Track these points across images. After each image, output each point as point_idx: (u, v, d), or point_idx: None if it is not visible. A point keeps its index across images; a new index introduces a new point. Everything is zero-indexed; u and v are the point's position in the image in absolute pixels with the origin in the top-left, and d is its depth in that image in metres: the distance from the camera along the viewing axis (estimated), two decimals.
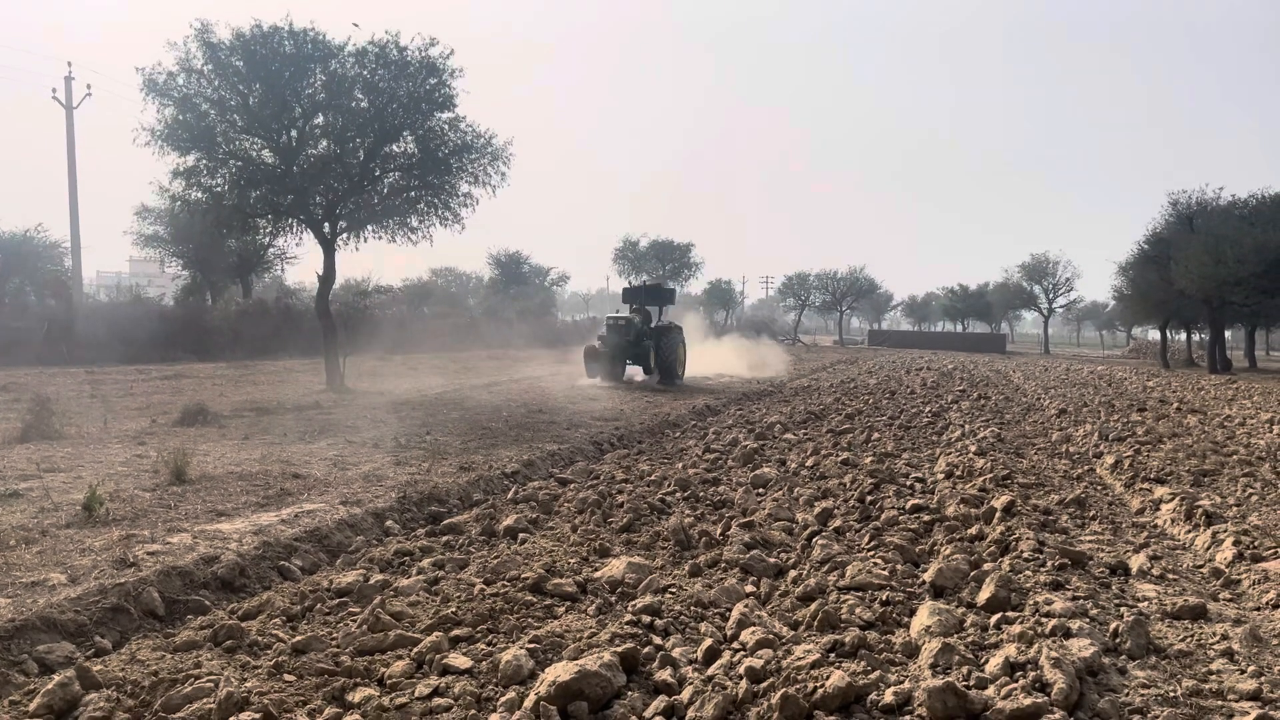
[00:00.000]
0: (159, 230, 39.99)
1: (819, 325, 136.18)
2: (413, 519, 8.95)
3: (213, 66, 20.74)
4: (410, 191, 22.90)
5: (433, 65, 21.90)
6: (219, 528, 7.88)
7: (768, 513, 8.75)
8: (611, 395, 22.09)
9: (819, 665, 4.70)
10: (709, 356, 35.47)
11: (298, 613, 5.89)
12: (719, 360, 35.37)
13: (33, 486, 9.41)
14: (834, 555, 7.07)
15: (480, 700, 4.53)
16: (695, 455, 12.92)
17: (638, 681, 4.75)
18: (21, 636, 5.33)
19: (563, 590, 6.19)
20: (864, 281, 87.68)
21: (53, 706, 4.29)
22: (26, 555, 6.86)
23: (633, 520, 8.35)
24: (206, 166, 21.19)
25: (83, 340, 27.51)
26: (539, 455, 12.49)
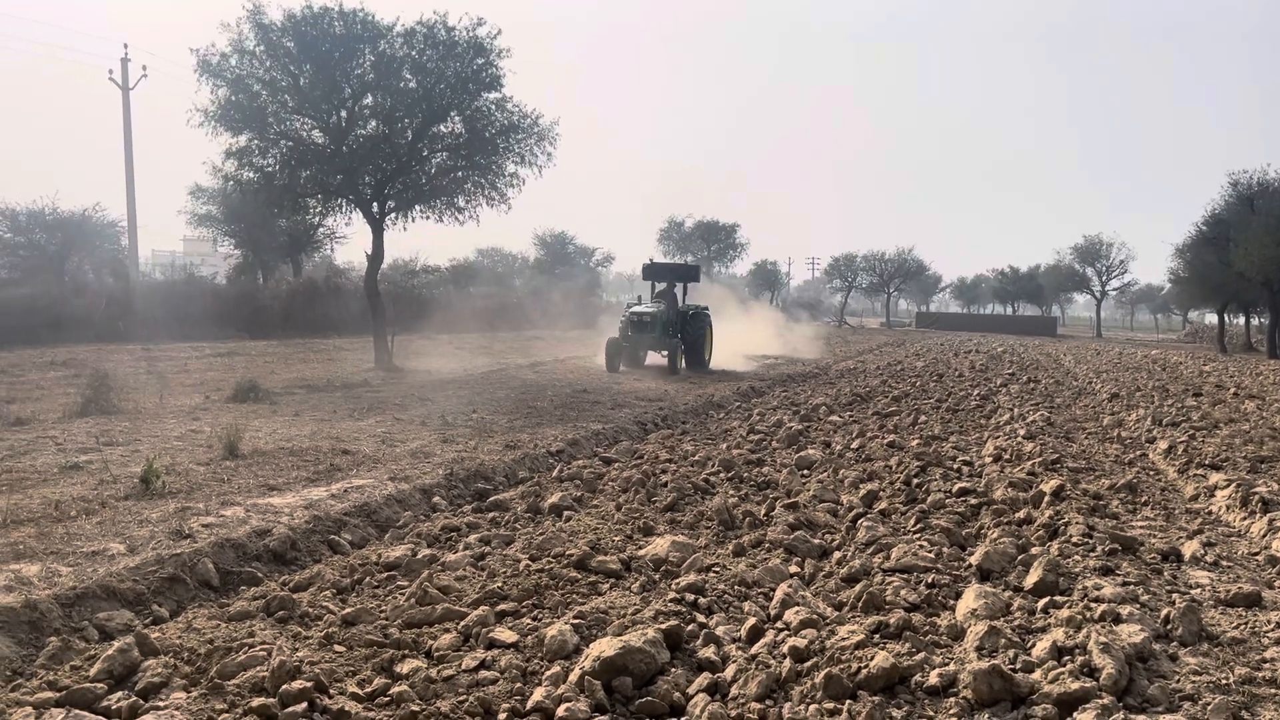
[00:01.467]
0: (212, 210, 40.61)
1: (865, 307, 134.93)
2: (459, 495, 9.05)
3: (264, 47, 20.97)
4: (457, 172, 23.02)
5: (480, 45, 21.95)
6: (271, 501, 8.03)
7: (812, 494, 8.73)
8: (655, 376, 22.09)
9: (863, 646, 4.69)
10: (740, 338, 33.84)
11: (347, 585, 5.99)
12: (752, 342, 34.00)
13: (92, 459, 9.65)
14: (879, 537, 7.04)
15: (526, 674, 4.59)
16: (739, 436, 12.91)
17: (681, 659, 4.78)
18: (82, 604, 5.48)
19: (607, 567, 6.24)
20: (912, 263, 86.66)
21: (113, 671, 4.42)
22: (87, 525, 7.04)
23: (676, 500, 8.37)
24: (258, 146, 21.46)
25: (139, 317, 28.08)
26: (583, 434, 12.55)
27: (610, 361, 23.00)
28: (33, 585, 5.55)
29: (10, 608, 5.14)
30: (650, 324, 23.51)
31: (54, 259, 34.09)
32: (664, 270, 26.57)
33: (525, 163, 23.19)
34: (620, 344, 23.39)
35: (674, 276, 26.41)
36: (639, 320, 23.57)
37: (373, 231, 22.74)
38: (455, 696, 4.28)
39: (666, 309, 24.23)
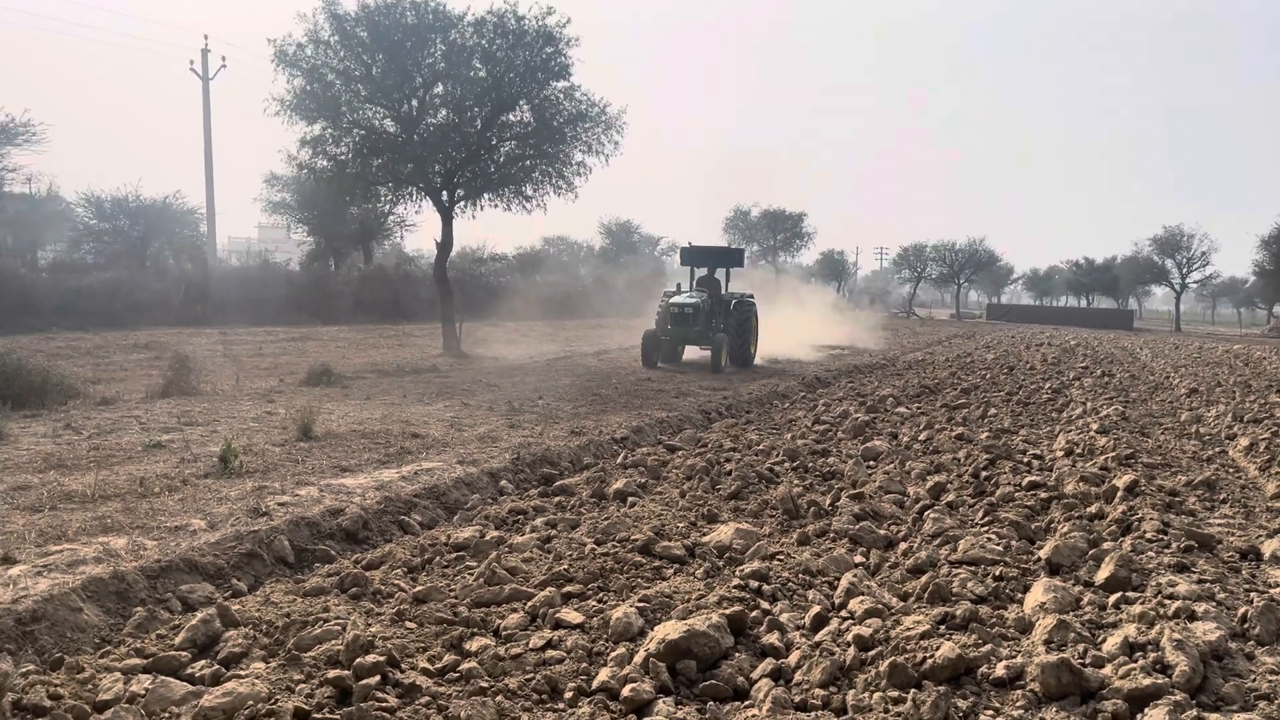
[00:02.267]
0: (286, 198, 41.46)
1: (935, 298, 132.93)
2: (525, 480, 9.17)
3: (339, 37, 21.35)
4: (525, 160, 23.20)
5: (549, 34, 22.07)
6: (343, 482, 8.23)
7: (878, 485, 8.68)
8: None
9: (928, 636, 4.67)
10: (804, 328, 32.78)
11: (418, 564, 6.13)
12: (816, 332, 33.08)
13: (173, 438, 9.97)
14: (946, 529, 6.99)
15: (591, 654, 4.66)
16: (804, 426, 12.85)
17: (745, 644, 4.81)
18: (166, 576, 5.69)
19: (671, 553, 6.29)
20: (983, 254, 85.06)
21: (196, 641, 4.59)
22: (170, 501, 7.30)
23: (740, 488, 8.38)
24: (331, 135, 21.87)
25: (216, 302, 28.85)
26: (647, 422, 12.61)
27: (646, 356, 20.85)
28: (120, 557, 5.78)
29: (99, 578, 5.36)
30: (692, 316, 20.92)
31: (136, 245, 35.14)
32: (704, 255, 23.56)
33: (592, 151, 23.29)
34: (658, 337, 21.18)
35: (716, 261, 23.46)
36: (679, 312, 20.95)
37: (442, 219, 23.05)
38: (523, 674, 4.36)
39: (709, 299, 21.64)
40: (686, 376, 18.80)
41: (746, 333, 21.96)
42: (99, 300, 25.59)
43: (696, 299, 21.14)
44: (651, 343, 21.02)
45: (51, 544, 6.04)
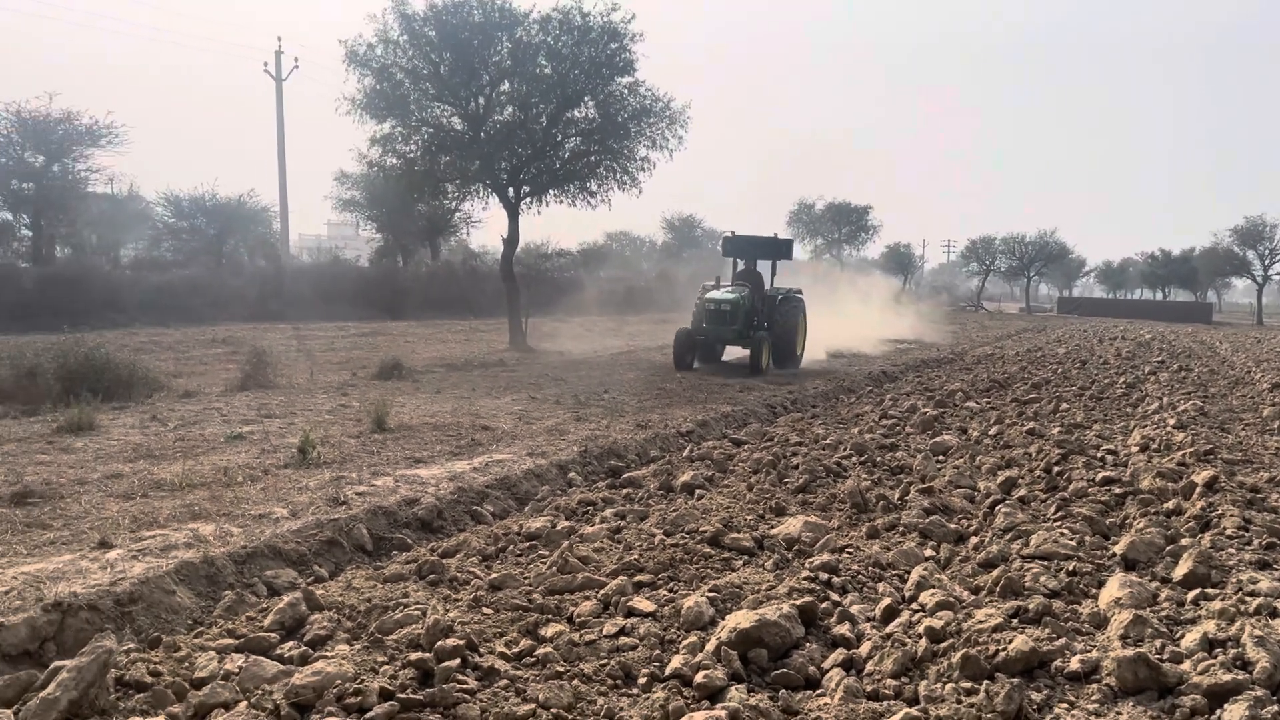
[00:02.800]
0: (356, 195, 42.25)
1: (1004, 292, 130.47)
2: (593, 472, 9.29)
3: (408, 37, 21.71)
4: (590, 156, 23.35)
5: (614, 30, 22.18)
6: (417, 473, 8.43)
7: (947, 479, 8.62)
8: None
9: (1001, 629, 4.67)
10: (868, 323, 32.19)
11: (492, 553, 6.27)
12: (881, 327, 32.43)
13: (253, 430, 10.28)
14: (1018, 524, 6.93)
15: (664, 642, 4.74)
16: (871, 421, 12.79)
17: (815, 635, 4.85)
18: (252, 561, 5.91)
19: (740, 544, 6.34)
20: (1054, 246, 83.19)
21: (283, 623, 4.77)
22: (253, 491, 7.55)
23: (808, 481, 8.40)
24: (401, 133, 22.27)
25: (289, 298, 29.54)
26: (713, 416, 12.66)
27: (679, 358, 18.79)
28: (209, 543, 6.01)
29: (191, 563, 5.59)
30: (730, 314, 18.88)
31: (213, 242, 36.14)
32: (747, 245, 21.29)
33: (656, 146, 23.38)
34: (693, 336, 19.18)
35: (760, 252, 21.23)
36: (715, 309, 18.93)
37: (508, 216, 23.31)
38: (597, 660, 4.46)
39: (750, 295, 19.55)
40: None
41: (793, 332, 19.85)
42: (179, 296, 26.39)
43: (735, 294, 19.13)
44: (684, 342, 19.00)
45: (145, 530, 6.31)
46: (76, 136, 30.52)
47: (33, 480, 7.42)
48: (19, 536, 6.10)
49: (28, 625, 4.55)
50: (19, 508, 6.72)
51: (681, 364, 18.78)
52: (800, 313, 20.46)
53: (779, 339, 19.42)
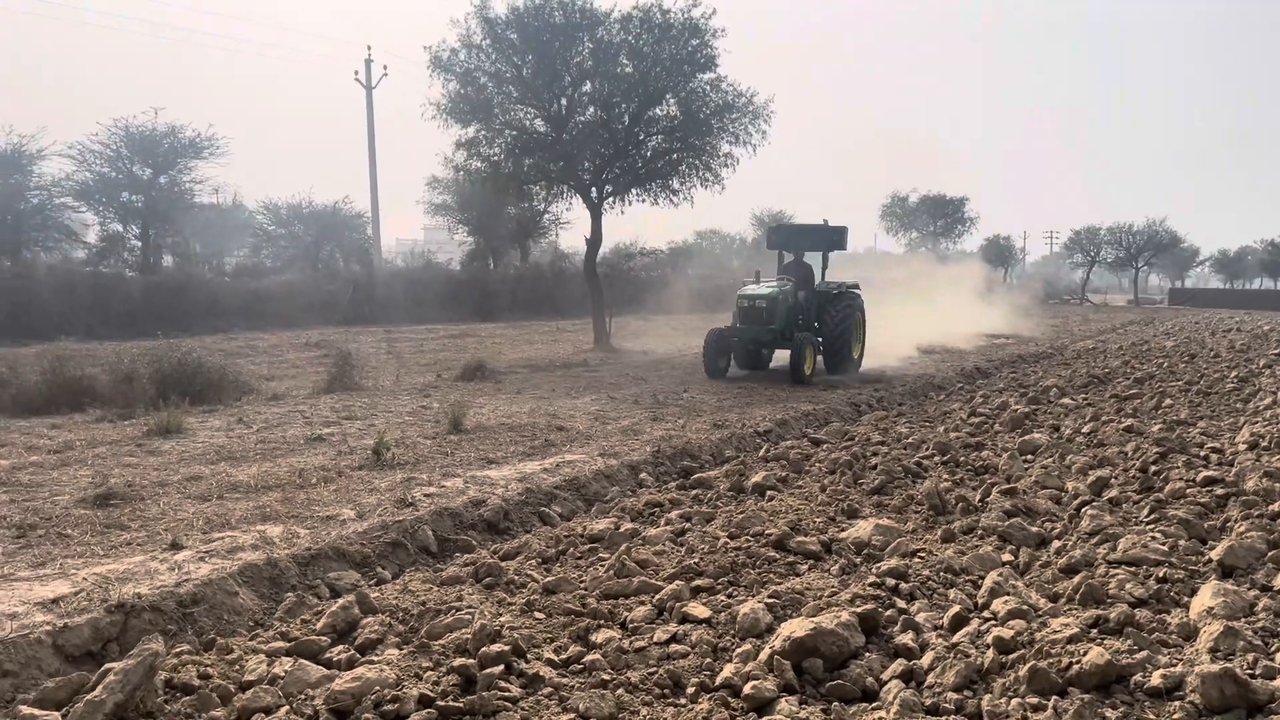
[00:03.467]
0: (447, 199, 42.91)
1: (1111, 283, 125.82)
2: (665, 472, 9.17)
3: (490, 41, 21.92)
4: (672, 154, 23.24)
5: (695, 26, 22.03)
6: (488, 474, 8.43)
7: (1034, 480, 8.25)
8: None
9: (1076, 640, 4.38)
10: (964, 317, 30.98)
11: (552, 555, 6.20)
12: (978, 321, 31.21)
13: (334, 432, 10.44)
14: (1105, 527, 6.56)
15: (716, 650, 4.59)
16: (959, 419, 12.38)
17: (877, 643, 4.64)
18: (316, 563, 5.96)
19: (806, 548, 6.14)
20: (1164, 235, 79.77)
21: (335, 626, 4.77)
22: (325, 492, 7.64)
23: (885, 482, 8.12)
24: (485, 137, 22.49)
25: (381, 302, 30.17)
26: (793, 415, 12.42)
27: (710, 363, 16.61)
28: (275, 545, 6.08)
29: (255, 564, 5.65)
30: (767, 310, 16.41)
31: (309, 248, 37.14)
32: (795, 235, 18.90)
33: (739, 142, 23.14)
34: (726, 338, 16.93)
35: (809, 243, 18.63)
36: (749, 306, 16.56)
37: (591, 216, 23.36)
38: (646, 668, 4.34)
39: (790, 289, 17.06)
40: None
41: (846, 332, 17.25)
42: (275, 302, 27.18)
43: (770, 289, 16.70)
44: (716, 345, 16.75)
45: (215, 531, 6.41)
46: (181, 149, 31.68)
47: (117, 482, 7.64)
48: (97, 537, 6.27)
49: (91, 626, 4.64)
50: (101, 509, 6.92)
51: (713, 370, 16.62)
52: (856, 310, 17.79)
53: (831, 340, 17.17)
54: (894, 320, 25.58)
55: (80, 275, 24.32)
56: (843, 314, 17.30)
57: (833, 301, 17.52)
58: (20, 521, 6.52)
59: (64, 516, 6.70)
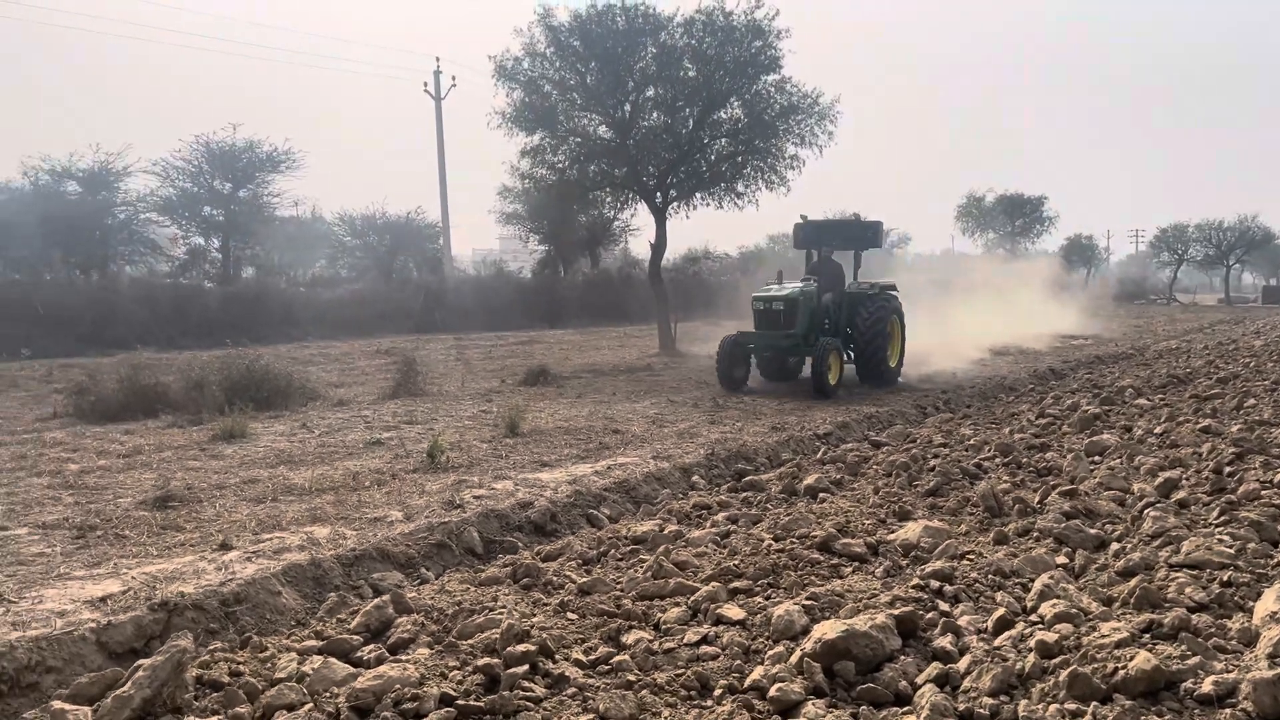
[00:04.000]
0: (518, 208, 43.29)
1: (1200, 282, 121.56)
2: (719, 475, 9.08)
3: (554, 49, 22.07)
4: (737, 157, 23.13)
5: (758, 28, 21.90)
6: (539, 476, 8.44)
7: (1098, 481, 7.96)
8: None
9: (1124, 645, 4.20)
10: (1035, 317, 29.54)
11: (593, 557, 6.17)
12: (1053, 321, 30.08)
13: (393, 436, 10.57)
14: (1168, 529, 6.29)
15: (748, 652, 4.50)
16: (1026, 420, 12.03)
17: (915, 647, 4.50)
18: (360, 564, 6.02)
19: (851, 550, 6.01)
20: (1256, 231, 76.74)
21: (369, 625, 4.81)
22: (376, 495, 7.73)
23: (940, 484, 7.92)
24: (549, 144, 22.63)
25: (452, 309, 30.57)
26: (854, 418, 12.22)
27: (724, 373, 14.99)
28: (321, 546, 6.16)
29: (299, 565, 5.74)
30: (784, 313, 14.83)
31: (383, 259, 37.81)
32: (823, 232, 17.24)
33: (805, 143, 22.92)
34: (743, 346, 15.40)
35: (839, 240, 17.08)
36: (765, 309, 15.05)
37: (655, 221, 23.35)
38: (673, 669, 4.27)
39: (813, 290, 15.43)
40: (903, 370, 18.00)
41: (879, 337, 15.44)
42: (348, 310, 27.73)
43: (792, 290, 15.12)
44: (730, 354, 15.15)
45: (265, 533, 6.53)
46: (259, 163, 32.52)
47: (177, 485, 7.84)
48: (153, 538, 6.43)
49: (134, 624, 4.75)
50: (160, 511, 7.10)
51: (728, 381, 14.93)
52: (891, 313, 15.91)
53: (863, 347, 15.43)
54: (965, 321, 25.09)
55: (160, 287, 25.16)
56: (875, 317, 15.47)
57: (865, 303, 15.75)
58: (82, 523, 6.73)
59: (124, 518, 6.89)
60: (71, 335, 20.59)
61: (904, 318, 16.59)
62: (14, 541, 6.29)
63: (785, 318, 14.86)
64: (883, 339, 15.48)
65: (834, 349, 14.90)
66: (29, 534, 6.49)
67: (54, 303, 21.45)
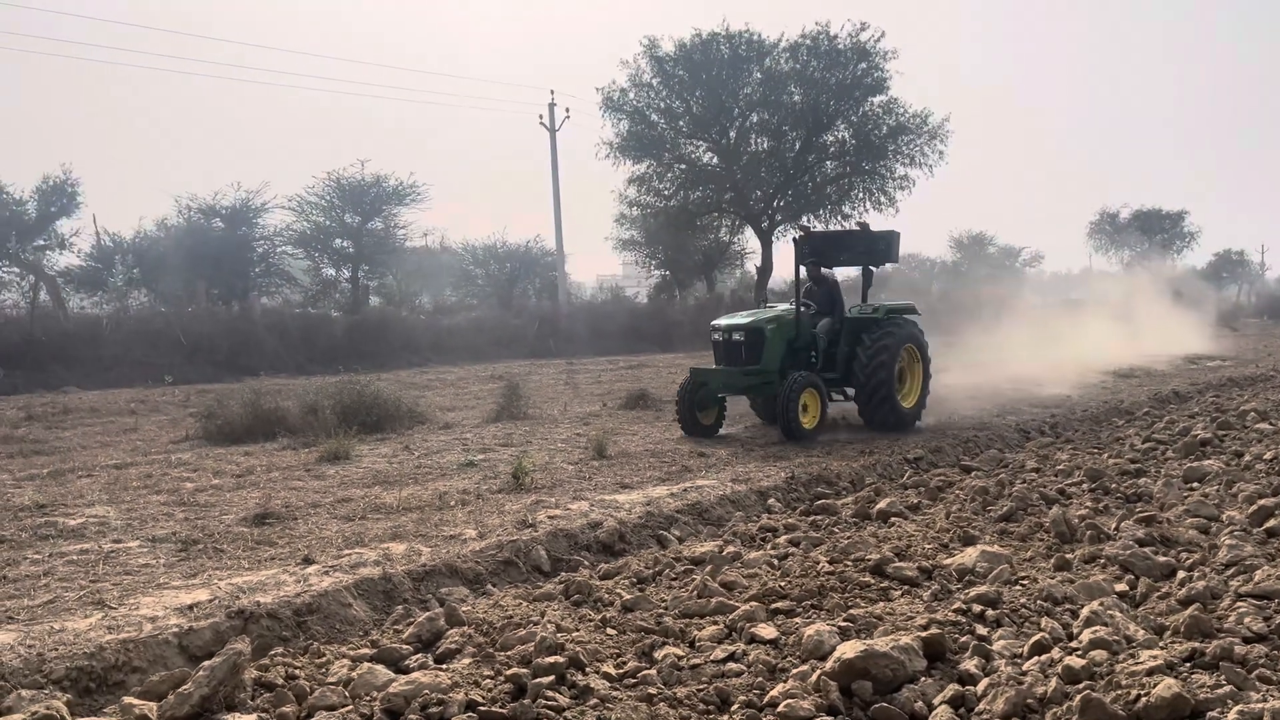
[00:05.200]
0: (635, 234, 44.01)
1: None
2: (797, 498, 9.13)
3: (659, 79, 22.55)
4: (844, 179, 23.09)
5: (863, 50, 21.90)
6: (616, 498, 8.67)
7: (1184, 508, 7.70)
8: (1058, 380, 20.25)
9: (1156, 673, 4.14)
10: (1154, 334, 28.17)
11: (648, 576, 6.35)
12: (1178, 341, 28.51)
13: (486, 458, 10.98)
14: (1244, 557, 6.07)
15: (774, 670, 4.61)
16: (1131, 445, 11.63)
17: (942, 669, 4.52)
18: (430, 579, 6.35)
19: (903, 574, 6.02)
20: None
21: (420, 636, 5.10)
22: (458, 514, 8.09)
23: (1014, 509, 7.79)
24: (656, 172, 23.10)
25: (565, 335, 31.26)
26: (950, 442, 12.03)
27: (683, 414, 12.63)
28: (394, 562, 6.52)
29: (370, 578, 6.10)
30: (744, 345, 12.48)
31: (504, 286, 39.01)
32: (828, 245, 14.39)
33: (915, 164, 22.74)
34: (703, 383, 12.75)
35: (845, 255, 14.22)
36: (725, 340, 12.74)
37: (760, 244, 23.50)
38: (697, 684, 4.42)
39: (784, 318, 12.81)
40: (1017, 395, 17.54)
41: (884, 370, 12.56)
42: (465, 337, 28.71)
43: (754, 318, 12.78)
44: (694, 394, 12.66)
45: (348, 548, 6.94)
46: (385, 197, 34.07)
47: (277, 504, 8.38)
48: (247, 552, 6.92)
49: (212, 629, 5.17)
50: (257, 527, 7.62)
51: (689, 425, 12.57)
52: (903, 341, 12.94)
53: (862, 383, 12.66)
54: (1083, 342, 24.26)
55: (290, 316, 26.62)
56: (879, 345, 12.60)
57: (867, 334, 12.83)
58: (187, 537, 7.29)
59: (225, 533, 7.43)
60: (210, 363, 22.00)
61: (925, 347, 13.70)
62: (125, 553, 6.88)
63: (748, 351, 12.47)
64: (887, 372, 12.58)
65: (810, 386, 12.13)
66: (139, 546, 7.07)
67: (195, 332, 22.97)
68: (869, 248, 13.87)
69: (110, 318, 23.55)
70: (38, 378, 19.99)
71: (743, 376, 12.49)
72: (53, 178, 28.45)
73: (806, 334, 13.09)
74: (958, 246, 70.16)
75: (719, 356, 12.97)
